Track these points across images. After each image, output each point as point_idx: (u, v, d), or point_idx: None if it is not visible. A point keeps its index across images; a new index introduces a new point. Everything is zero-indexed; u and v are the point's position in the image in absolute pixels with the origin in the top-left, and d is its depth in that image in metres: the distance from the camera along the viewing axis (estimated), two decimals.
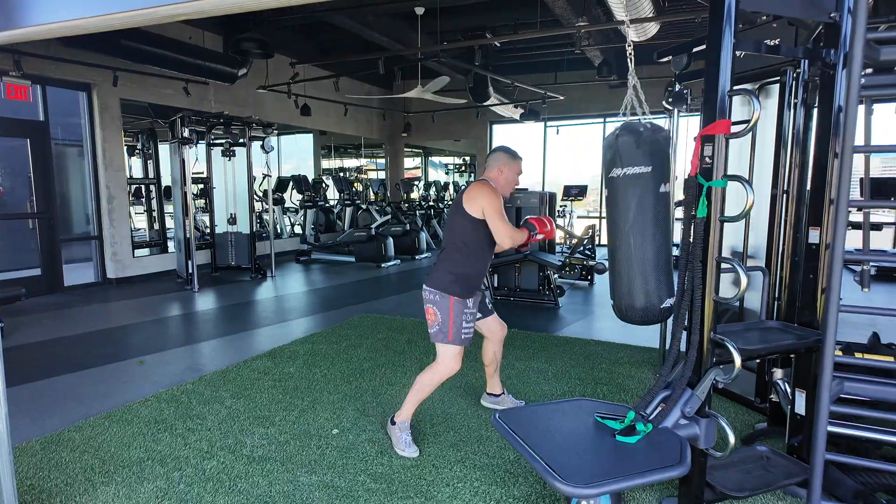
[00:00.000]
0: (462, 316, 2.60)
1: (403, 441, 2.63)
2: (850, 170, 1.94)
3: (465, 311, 2.62)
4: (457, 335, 2.58)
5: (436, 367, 2.63)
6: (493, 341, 3.01)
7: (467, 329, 2.63)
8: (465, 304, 2.61)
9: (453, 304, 2.58)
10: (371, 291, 6.72)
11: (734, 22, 1.89)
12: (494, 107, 9.15)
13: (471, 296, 2.66)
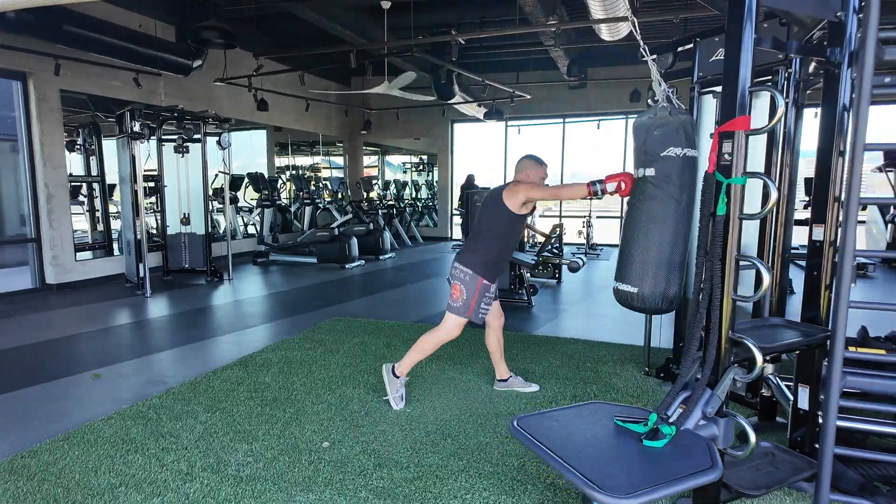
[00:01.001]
0: (484, 298, 2.98)
1: (399, 394, 3.07)
2: (860, 167, 1.95)
3: (487, 294, 3.00)
4: (475, 313, 2.98)
5: (439, 331, 3.03)
6: (493, 328, 3.24)
7: (485, 309, 3.02)
8: (488, 288, 2.99)
9: (480, 285, 2.94)
10: (338, 294, 6.49)
11: (755, 17, 1.86)
12: (459, 105, 9.07)
13: (494, 281, 3.02)
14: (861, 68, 1.90)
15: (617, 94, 9.93)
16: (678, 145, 2.25)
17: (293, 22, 7.12)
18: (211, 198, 8.63)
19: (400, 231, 11.00)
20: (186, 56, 6.60)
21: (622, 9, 4.38)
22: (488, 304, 3.03)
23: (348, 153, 12.57)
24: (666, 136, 2.25)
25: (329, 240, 8.32)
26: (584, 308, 5.67)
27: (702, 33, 3.17)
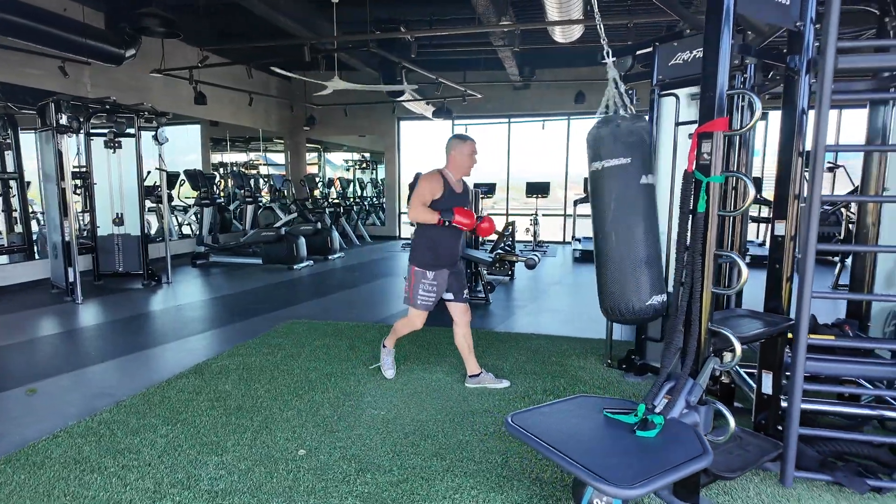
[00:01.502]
0: (421, 284, 3.14)
1: (388, 363, 3.49)
2: (822, 167, 2.10)
3: (424, 280, 3.15)
4: (416, 299, 3.17)
5: (406, 321, 3.32)
6: (459, 325, 3.33)
7: (425, 297, 3.16)
8: (424, 275, 3.14)
9: (414, 272, 3.16)
10: (290, 296, 6.28)
11: (732, 22, 1.96)
12: (408, 103, 9.01)
13: (433, 269, 3.14)
14: (822, 76, 2.04)
15: (561, 95, 10.21)
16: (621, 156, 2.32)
17: (237, 13, 6.81)
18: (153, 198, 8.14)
19: (347, 230, 10.80)
20: (118, 45, 6.16)
21: (577, 11, 4.50)
22: (429, 293, 3.15)
23: (290, 150, 12.19)
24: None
25: (275, 239, 8.03)
26: (540, 304, 5.79)
27: (661, 38, 3.30)
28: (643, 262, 2.33)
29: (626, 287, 2.34)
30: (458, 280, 3.31)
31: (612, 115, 2.46)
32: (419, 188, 3.08)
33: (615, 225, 2.38)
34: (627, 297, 2.34)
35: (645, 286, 2.33)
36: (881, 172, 2.75)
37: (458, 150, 3.12)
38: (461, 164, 3.14)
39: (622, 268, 2.34)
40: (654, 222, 2.38)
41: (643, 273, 2.33)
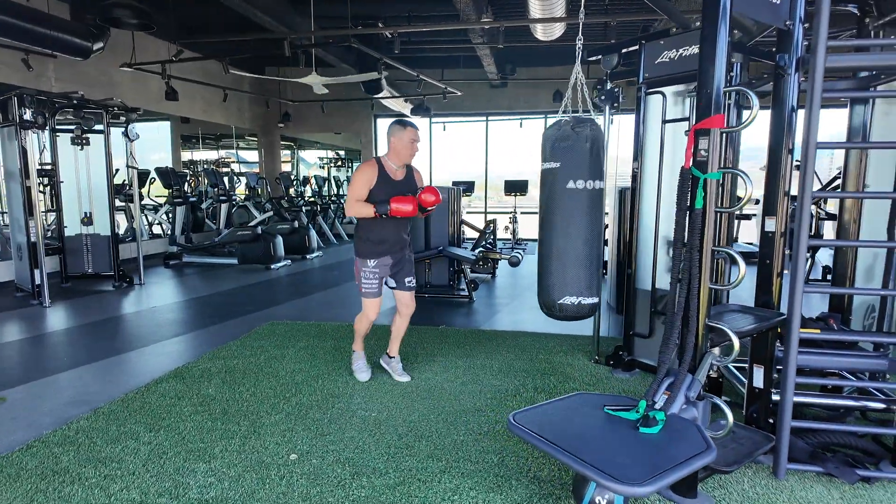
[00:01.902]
0: (363, 273, 3.17)
1: (360, 366, 3.47)
2: (813, 164, 2.13)
3: (365, 269, 3.16)
4: (361, 287, 3.21)
5: (360, 315, 3.35)
6: (401, 314, 3.38)
7: (367, 284, 3.18)
8: (365, 264, 3.16)
9: (357, 263, 3.20)
10: (268, 296, 6.15)
11: (728, 20, 1.97)
12: (385, 100, 8.92)
13: (373, 257, 3.14)
14: (812, 74, 2.07)
15: (538, 94, 10.26)
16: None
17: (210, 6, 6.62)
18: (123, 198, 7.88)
19: (324, 228, 10.65)
20: (85, 37, 5.92)
21: (560, 9, 4.51)
22: (371, 280, 3.16)
23: (264, 147, 11.96)
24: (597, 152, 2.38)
25: (251, 239, 7.86)
26: (523, 302, 5.79)
27: (647, 36, 3.33)
28: (565, 262, 2.38)
29: (546, 283, 2.40)
30: (403, 268, 3.27)
31: (561, 118, 2.48)
32: (352, 182, 3.06)
33: (545, 225, 2.44)
34: (547, 292, 2.41)
35: (558, 286, 2.38)
36: (861, 170, 2.82)
37: (398, 136, 3.03)
38: (401, 151, 3.05)
39: (546, 266, 2.41)
40: (581, 227, 2.38)
41: (563, 272, 2.37)
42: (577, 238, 2.39)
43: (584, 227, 2.40)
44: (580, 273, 2.40)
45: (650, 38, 3.29)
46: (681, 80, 3.15)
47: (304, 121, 11.58)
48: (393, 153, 3.08)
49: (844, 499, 2.19)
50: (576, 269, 2.39)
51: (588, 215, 2.40)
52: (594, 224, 2.43)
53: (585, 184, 2.38)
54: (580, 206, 2.39)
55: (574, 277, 2.39)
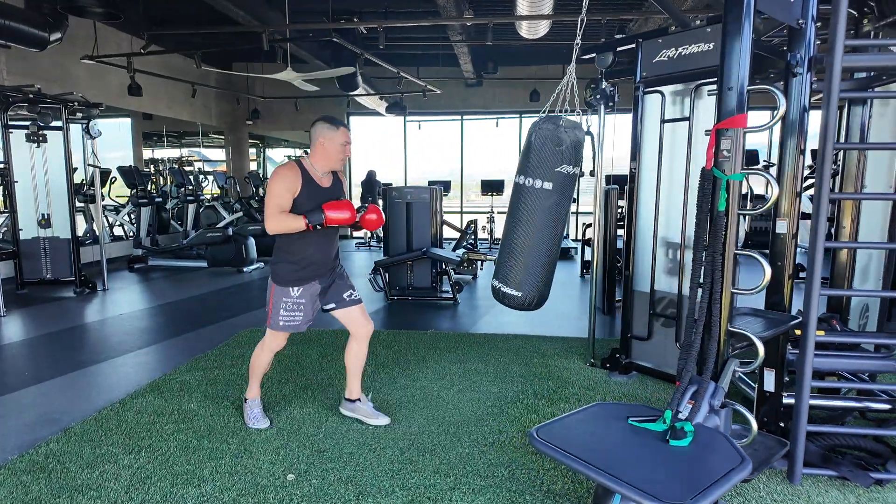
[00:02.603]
0: (281, 304, 2.60)
1: (254, 415, 2.81)
2: (830, 165, 2.10)
3: (287, 300, 2.59)
4: (274, 320, 2.63)
5: (263, 344, 2.76)
6: (355, 337, 2.80)
7: (286, 317, 2.61)
8: (286, 293, 2.59)
9: (273, 290, 2.60)
10: (244, 301, 5.90)
11: (752, 16, 1.92)
12: (361, 97, 8.72)
13: (296, 285, 2.58)
14: (829, 73, 2.04)
15: (515, 93, 10.23)
16: (569, 164, 2.26)
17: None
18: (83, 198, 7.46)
19: None
20: (41, 26, 5.53)
21: (547, 7, 4.44)
22: (292, 312, 2.59)
23: (231, 145, 11.55)
24: (563, 153, 2.24)
25: (222, 240, 7.55)
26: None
27: (645, 34, 3.28)
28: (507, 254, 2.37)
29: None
30: (336, 284, 2.73)
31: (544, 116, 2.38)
32: (271, 189, 2.44)
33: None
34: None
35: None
36: (860, 171, 2.83)
37: (329, 137, 2.47)
38: (332, 153, 2.50)
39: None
40: (521, 222, 2.33)
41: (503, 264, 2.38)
42: (516, 230, 2.34)
43: (525, 223, 2.33)
44: (507, 262, 2.38)
45: (648, 37, 3.24)
46: (680, 79, 3.11)
47: (273, 118, 11.24)
48: (320, 156, 2.51)
49: (860, 502, 2.17)
50: (505, 259, 2.38)
51: (528, 212, 2.31)
52: (536, 221, 2.33)
53: (533, 182, 2.29)
54: (522, 202, 2.32)
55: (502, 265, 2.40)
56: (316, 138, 2.50)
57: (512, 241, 2.35)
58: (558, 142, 2.28)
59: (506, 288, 2.36)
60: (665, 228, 3.28)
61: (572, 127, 2.32)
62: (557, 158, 2.26)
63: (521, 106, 10.31)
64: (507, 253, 2.37)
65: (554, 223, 2.31)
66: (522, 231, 2.32)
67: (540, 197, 2.30)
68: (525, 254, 2.33)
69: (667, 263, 3.31)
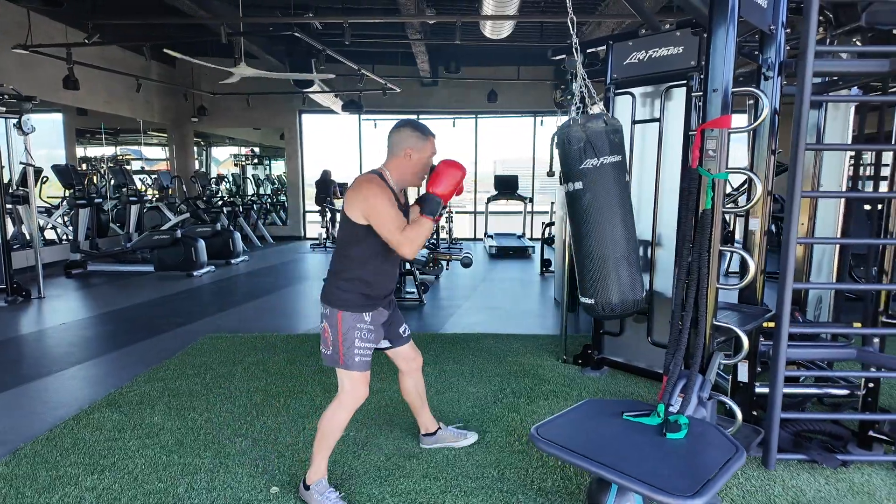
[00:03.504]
0: (355, 332, 2.09)
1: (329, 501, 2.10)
2: (802, 165, 2.21)
3: (360, 325, 2.10)
4: (349, 358, 2.09)
5: (340, 400, 2.14)
6: (409, 374, 2.46)
7: (363, 350, 2.11)
8: (358, 319, 2.10)
9: (341, 319, 2.08)
10: (197, 307, 5.62)
11: (737, 20, 1.98)
12: (316, 95, 8.50)
13: (368, 310, 2.13)
14: (801, 77, 2.14)
15: (471, 93, 10.27)
16: (593, 157, 2.25)
17: None
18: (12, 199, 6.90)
19: (247, 231, 9.99)
20: None
21: (513, 7, 4.47)
22: (367, 343, 2.13)
23: (175, 143, 11.00)
24: (582, 150, 2.26)
25: (170, 243, 7.17)
26: (475, 302, 5.73)
27: (615, 37, 3.35)
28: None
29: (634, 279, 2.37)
30: (396, 317, 2.37)
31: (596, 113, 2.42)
32: (378, 210, 1.96)
33: (613, 220, 2.37)
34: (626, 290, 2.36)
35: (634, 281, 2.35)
36: (816, 171, 3.00)
37: (418, 148, 2.06)
38: (416, 168, 2.09)
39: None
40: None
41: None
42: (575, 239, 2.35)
43: (575, 227, 2.37)
44: (636, 269, 2.37)
45: (618, 39, 3.31)
46: (650, 81, 3.20)
47: (221, 115, 10.80)
48: (404, 169, 2.09)
49: (829, 483, 2.30)
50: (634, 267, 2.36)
51: (575, 216, 2.35)
52: (587, 223, 2.35)
53: (569, 185, 2.34)
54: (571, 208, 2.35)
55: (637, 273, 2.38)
56: (401, 147, 2.06)
57: (576, 249, 2.36)
58: (574, 140, 2.29)
59: (583, 298, 2.36)
60: (637, 226, 3.36)
61: (587, 120, 2.31)
62: (578, 157, 2.27)
63: (477, 106, 10.37)
64: (578, 264, 2.39)
65: (598, 220, 2.29)
66: (578, 235, 2.33)
67: (575, 198, 2.31)
68: (585, 259, 2.32)
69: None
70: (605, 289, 2.31)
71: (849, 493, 2.21)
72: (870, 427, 2.50)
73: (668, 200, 3.19)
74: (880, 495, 2.20)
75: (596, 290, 2.32)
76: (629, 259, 2.30)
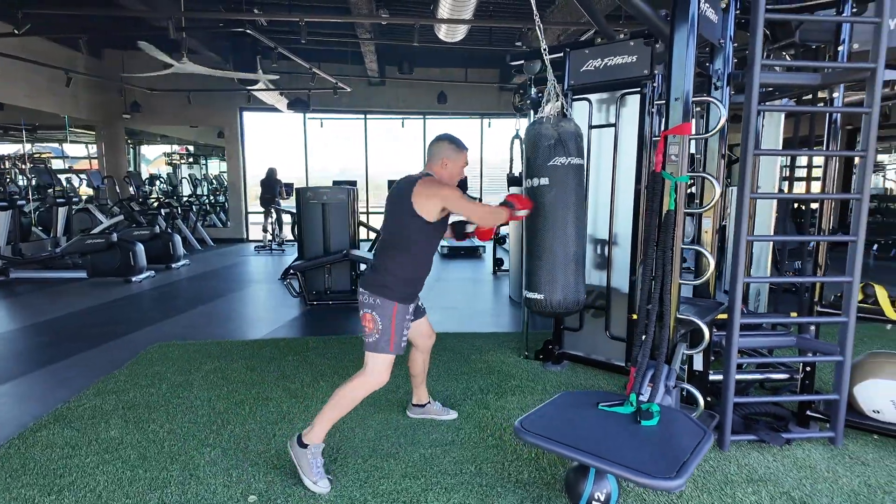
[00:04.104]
0: (404, 323, 2.37)
1: (315, 470, 2.24)
2: (752, 168, 2.40)
3: (407, 317, 2.40)
4: (398, 344, 2.34)
5: (364, 378, 2.33)
6: (421, 349, 2.80)
7: (404, 336, 2.40)
8: (407, 311, 2.39)
9: (397, 311, 2.32)
10: (141, 314, 5.35)
11: (696, 34, 2.13)
12: (260, 93, 8.26)
13: (412, 301, 2.44)
14: (749, 88, 2.33)
15: (419, 94, 10.30)
16: (562, 155, 2.38)
17: None
18: None
19: (186, 233, 9.56)
20: None
21: (468, 11, 4.55)
22: (407, 330, 2.42)
23: (105, 141, 10.36)
24: (552, 147, 2.38)
25: (106, 247, 6.77)
26: (432, 302, 5.75)
27: (572, 45, 3.49)
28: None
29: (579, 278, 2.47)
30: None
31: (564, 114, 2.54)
32: (451, 195, 2.25)
33: (575, 220, 2.50)
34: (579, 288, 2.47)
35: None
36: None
37: (453, 159, 2.37)
38: (453, 175, 2.40)
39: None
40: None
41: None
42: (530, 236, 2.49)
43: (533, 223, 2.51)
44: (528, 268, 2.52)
45: (575, 47, 3.45)
46: (606, 88, 3.35)
47: (156, 112, 10.28)
48: (448, 175, 2.39)
49: (777, 460, 2.51)
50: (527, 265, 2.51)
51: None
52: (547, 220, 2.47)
53: (532, 181, 2.44)
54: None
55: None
56: (438, 157, 2.37)
57: (530, 244, 2.45)
58: (546, 137, 2.37)
59: (530, 293, 2.43)
60: (593, 227, 3.52)
61: (559, 120, 2.41)
62: (548, 153, 2.35)
63: (425, 107, 10.41)
64: (529, 257, 2.47)
65: (560, 218, 2.38)
66: (537, 231, 2.40)
67: (540, 193, 2.38)
68: (539, 255, 2.39)
69: (596, 259, 3.55)
70: (554, 286, 2.45)
71: (794, 468, 2.43)
72: (807, 407, 2.75)
73: (623, 201, 3.36)
74: (821, 468, 2.43)
75: (546, 286, 2.44)
76: (577, 260, 2.46)
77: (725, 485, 2.27)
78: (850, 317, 2.49)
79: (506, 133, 12.30)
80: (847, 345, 2.50)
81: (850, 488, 2.28)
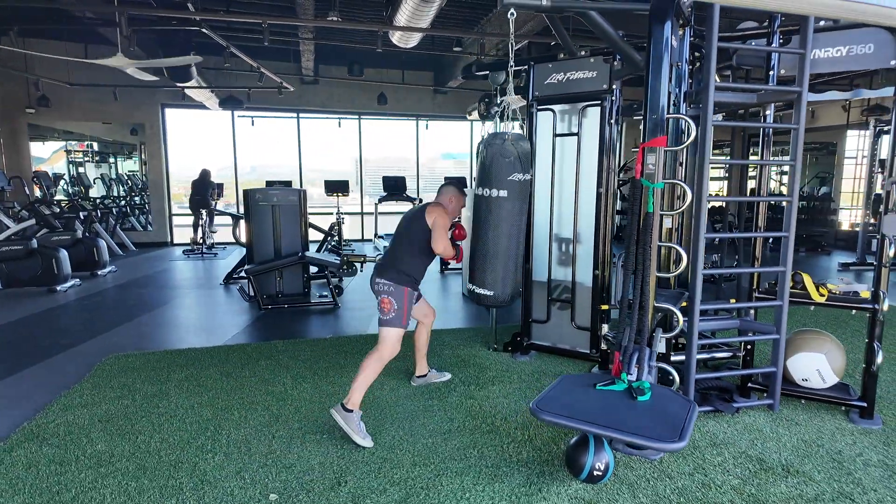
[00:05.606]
0: (412, 304, 3.07)
1: (360, 429, 2.72)
2: (707, 176, 2.78)
3: (414, 299, 3.10)
4: (408, 319, 3.03)
5: (380, 352, 2.92)
6: (426, 325, 3.44)
7: (411, 314, 3.11)
8: (413, 295, 3.06)
9: (407, 294, 2.99)
10: (81, 324, 5.01)
11: (671, 55, 2.45)
12: (191, 90, 7.90)
13: (416, 287, 3.10)
14: (704, 105, 2.70)
15: (354, 94, 10.26)
16: (520, 172, 2.65)
17: None
18: None
19: (105, 238, 8.92)
20: None
21: (426, 20, 4.70)
22: (413, 308, 3.15)
23: (3, 137, 9.41)
24: (512, 164, 2.63)
25: (24, 255, 6.21)
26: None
27: (536, 58, 3.76)
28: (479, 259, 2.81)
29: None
30: None
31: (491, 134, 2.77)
32: (443, 224, 2.92)
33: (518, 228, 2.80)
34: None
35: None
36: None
37: (457, 199, 3.10)
38: (454, 211, 3.10)
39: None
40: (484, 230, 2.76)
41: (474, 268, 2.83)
42: (482, 237, 2.75)
43: (490, 228, 2.73)
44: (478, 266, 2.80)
45: (539, 61, 3.73)
46: (568, 100, 3.65)
47: (69, 107, 9.49)
48: (452, 209, 3.09)
49: (730, 426, 2.91)
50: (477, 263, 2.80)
51: (493, 219, 2.70)
52: (501, 226, 2.70)
53: (490, 192, 2.64)
54: (485, 210, 2.71)
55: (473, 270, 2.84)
56: (446, 195, 3.09)
57: (481, 246, 2.62)
58: (506, 154, 2.59)
59: (479, 288, 2.61)
60: (558, 227, 3.82)
61: (518, 139, 2.65)
62: (509, 169, 2.57)
63: (361, 107, 10.41)
64: (479, 258, 2.64)
65: (513, 226, 2.62)
66: (489, 236, 2.59)
67: (497, 204, 2.59)
68: (492, 257, 2.60)
69: (560, 256, 3.86)
70: (505, 283, 2.76)
71: (745, 432, 2.84)
72: (748, 380, 3.20)
73: (586, 203, 3.69)
74: (766, 430, 2.86)
75: (498, 283, 2.74)
76: (517, 262, 2.80)
77: (695, 450, 2.63)
78: (783, 301, 2.94)
79: (442, 136, 12.54)
80: (782, 325, 2.96)
81: (791, 444, 2.71)
